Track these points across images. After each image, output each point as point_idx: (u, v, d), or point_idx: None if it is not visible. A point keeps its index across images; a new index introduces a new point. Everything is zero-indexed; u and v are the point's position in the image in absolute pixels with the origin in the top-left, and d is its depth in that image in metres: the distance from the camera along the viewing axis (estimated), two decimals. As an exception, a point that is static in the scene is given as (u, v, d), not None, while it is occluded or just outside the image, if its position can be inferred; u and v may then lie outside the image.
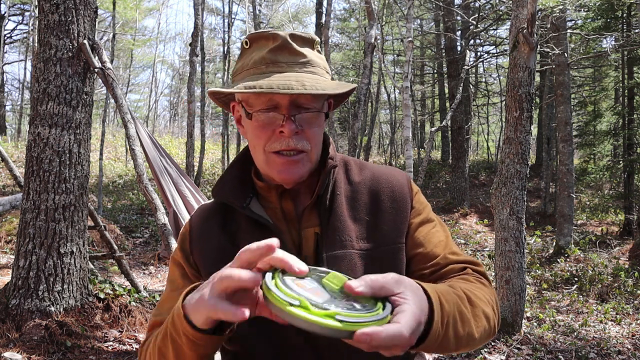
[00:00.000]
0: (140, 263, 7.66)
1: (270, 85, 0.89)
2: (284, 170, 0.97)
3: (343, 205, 1.03)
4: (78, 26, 4.05)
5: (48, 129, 3.93)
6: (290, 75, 0.93)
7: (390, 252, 1.01)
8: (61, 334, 3.66)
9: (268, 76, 0.93)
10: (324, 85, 0.93)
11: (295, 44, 0.97)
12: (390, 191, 1.06)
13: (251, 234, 0.99)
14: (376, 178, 1.08)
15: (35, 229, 3.89)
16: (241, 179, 1.06)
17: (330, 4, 8.88)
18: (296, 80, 0.91)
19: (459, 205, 12.73)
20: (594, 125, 12.58)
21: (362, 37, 17.28)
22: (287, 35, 0.97)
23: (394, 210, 1.04)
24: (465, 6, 12.37)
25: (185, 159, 9.69)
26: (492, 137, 22.53)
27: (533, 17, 4.54)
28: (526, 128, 4.75)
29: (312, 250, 0.99)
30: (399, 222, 1.03)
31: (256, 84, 0.90)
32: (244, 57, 1.00)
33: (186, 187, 4.43)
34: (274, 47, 0.95)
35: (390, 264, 1.00)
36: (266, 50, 0.96)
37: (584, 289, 6.77)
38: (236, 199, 1.02)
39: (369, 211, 1.04)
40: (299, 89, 0.89)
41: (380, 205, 1.04)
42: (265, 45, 0.97)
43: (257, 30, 0.99)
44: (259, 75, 0.94)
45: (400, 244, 1.02)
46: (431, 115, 21.84)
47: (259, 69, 0.95)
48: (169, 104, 35.39)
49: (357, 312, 0.66)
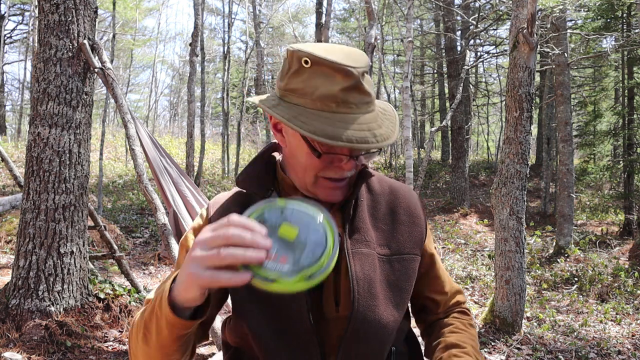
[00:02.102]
0: (140, 263, 7.65)
1: (349, 139, 0.88)
2: (331, 195, 1.02)
3: (365, 212, 1.09)
4: (78, 26, 4.05)
5: (48, 129, 3.93)
6: (362, 123, 0.92)
7: (405, 260, 1.08)
8: (61, 334, 3.66)
9: (341, 121, 0.91)
10: (388, 132, 0.95)
11: (365, 82, 0.94)
12: (407, 206, 1.14)
13: None
14: (394, 192, 1.15)
15: (35, 229, 3.89)
16: (265, 173, 1.10)
17: (330, 4, 8.88)
18: (368, 130, 0.92)
19: (459, 205, 12.73)
20: (594, 125, 12.57)
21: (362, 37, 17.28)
22: (360, 74, 0.92)
23: (410, 223, 1.12)
24: (465, 6, 12.37)
25: (185, 159, 9.69)
26: (492, 137, 22.53)
27: (533, 17, 4.54)
28: (526, 128, 4.75)
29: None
30: (414, 235, 1.12)
31: (335, 135, 0.88)
32: (301, 76, 0.94)
33: (186, 187, 4.43)
34: (347, 87, 0.92)
35: (404, 272, 1.07)
36: (338, 88, 0.91)
37: (584, 289, 6.77)
38: (260, 190, 1.06)
39: (386, 221, 1.11)
40: (373, 142, 0.91)
41: (397, 217, 1.12)
42: (333, 77, 0.92)
43: (327, 58, 0.91)
44: (329, 114, 0.91)
45: (415, 254, 1.10)
46: (431, 115, 21.85)
47: (329, 106, 0.91)
48: (169, 104, 35.41)
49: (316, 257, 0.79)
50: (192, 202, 4.34)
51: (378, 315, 1.00)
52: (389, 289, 1.04)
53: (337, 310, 1.01)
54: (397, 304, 1.04)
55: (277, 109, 0.94)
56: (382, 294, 1.02)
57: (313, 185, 1.01)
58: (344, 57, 0.93)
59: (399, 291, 1.05)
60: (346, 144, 0.88)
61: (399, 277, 1.06)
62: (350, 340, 0.98)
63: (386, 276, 1.04)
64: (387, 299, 1.03)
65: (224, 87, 17.70)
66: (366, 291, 1.00)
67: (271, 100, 0.98)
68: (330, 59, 0.91)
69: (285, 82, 0.96)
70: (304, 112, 0.92)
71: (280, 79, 0.98)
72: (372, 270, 1.02)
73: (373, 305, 1.00)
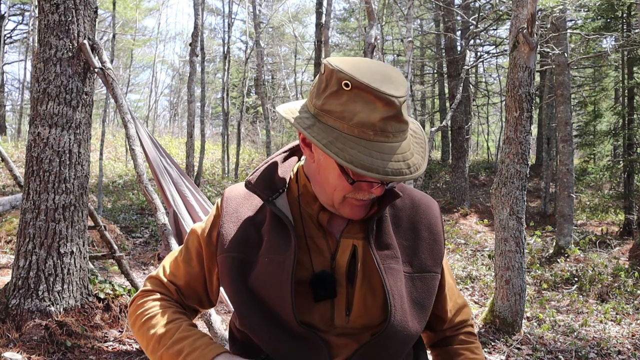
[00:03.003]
0: (140, 263, 7.65)
1: (385, 172, 0.89)
2: (356, 213, 1.02)
3: (390, 227, 1.08)
4: (78, 26, 4.05)
5: (48, 129, 3.93)
6: (398, 154, 0.92)
7: (427, 279, 1.08)
8: (61, 334, 3.66)
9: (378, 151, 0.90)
10: (420, 161, 0.96)
11: (403, 110, 0.93)
12: (428, 222, 1.12)
13: (274, 229, 1.04)
14: (415, 206, 1.13)
15: (35, 229, 3.89)
16: (275, 175, 1.10)
17: (330, 4, 8.88)
18: (403, 161, 0.92)
19: (459, 205, 12.73)
20: (594, 125, 12.57)
21: (362, 37, 17.28)
22: (401, 104, 0.91)
23: (431, 240, 1.11)
24: (465, 6, 12.37)
25: (185, 159, 9.69)
26: (492, 137, 22.52)
27: (533, 17, 4.54)
28: (526, 128, 4.75)
29: (347, 260, 1.03)
30: (435, 252, 1.10)
31: (372, 167, 0.88)
32: (340, 98, 0.91)
33: (186, 187, 4.43)
34: (388, 117, 0.90)
35: (426, 289, 1.07)
36: (378, 117, 0.89)
37: (584, 289, 6.77)
38: (263, 192, 1.06)
39: (408, 237, 1.10)
40: (407, 173, 0.91)
41: (419, 233, 1.10)
42: (373, 104, 0.90)
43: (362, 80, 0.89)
44: (366, 142, 0.90)
45: (435, 272, 1.10)
46: (431, 115, 21.84)
47: (366, 134, 0.90)
48: (169, 104, 35.39)
49: None
50: (192, 202, 4.33)
51: (407, 330, 1.02)
52: (413, 305, 1.05)
53: (347, 320, 1.01)
54: (420, 319, 1.06)
55: (313, 130, 0.93)
56: (409, 309, 1.04)
57: (340, 205, 1.01)
58: (386, 83, 0.90)
59: (421, 308, 1.06)
60: (382, 177, 0.89)
61: (421, 295, 1.06)
62: (370, 350, 1.00)
63: (410, 293, 1.05)
64: (412, 314, 1.04)
65: (224, 87, 17.70)
66: (399, 307, 1.01)
67: (305, 119, 0.95)
68: (374, 87, 0.89)
69: (321, 101, 0.93)
70: (340, 137, 0.90)
71: (317, 96, 0.95)
72: (402, 286, 1.03)
73: (404, 321, 1.01)
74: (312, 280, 1.00)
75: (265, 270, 1.01)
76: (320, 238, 1.05)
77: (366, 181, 0.96)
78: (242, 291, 1.03)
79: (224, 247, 1.06)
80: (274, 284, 1.00)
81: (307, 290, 1.00)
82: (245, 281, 1.03)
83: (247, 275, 1.03)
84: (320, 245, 1.04)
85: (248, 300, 1.02)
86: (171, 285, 1.13)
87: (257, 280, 1.02)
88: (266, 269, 1.01)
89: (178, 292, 1.13)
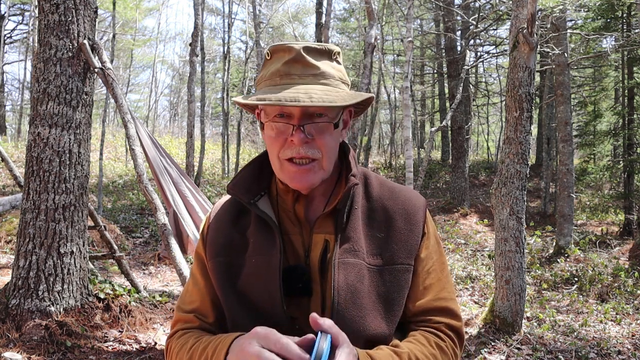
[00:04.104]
0: (140, 263, 7.65)
1: (278, 98, 0.94)
2: (296, 178, 1.01)
3: (359, 220, 1.06)
4: (78, 26, 4.05)
5: (48, 129, 3.93)
6: (300, 87, 0.97)
7: (398, 271, 1.04)
8: (61, 334, 3.66)
9: (281, 88, 0.98)
10: (333, 97, 0.96)
11: (309, 56, 1.01)
12: (405, 212, 1.09)
13: (259, 230, 1.05)
14: (394, 197, 1.11)
15: (35, 229, 3.89)
16: (257, 177, 1.12)
17: (330, 4, 8.88)
18: (304, 93, 0.95)
19: (459, 205, 12.73)
20: (594, 125, 12.57)
21: (362, 37, 17.28)
22: (301, 47, 1.00)
23: (407, 231, 1.07)
24: (465, 6, 12.37)
25: (185, 159, 9.69)
26: (492, 137, 22.53)
27: (533, 17, 4.54)
28: (526, 128, 4.75)
29: (319, 255, 1.03)
30: (410, 243, 1.06)
31: (266, 97, 0.95)
32: (265, 67, 1.05)
33: (186, 187, 4.43)
34: (288, 60, 1.00)
35: (396, 282, 1.03)
36: (281, 63, 1.01)
37: (584, 289, 6.77)
38: (245, 196, 1.08)
39: (382, 228, 1.07)
40: (305, 101, 0.93)
41: (394, 223, 1.07)
42: (282, 57, 1.01)
43: (278, 43, 1.03)
44: (273, 87, 1.00)
45: (408, 264, 1.05)
46: (431, 115, 21.84)
47: (274, 80, 1.01)
48: (169, 104, 35.41)
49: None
50: (192, 202, 4.34)
51: (363, 326, 0.98)
52: (378, 300, 1.01)
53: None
54: (387, 316, 1.01)
55: (245, 97, 1.00)
56: (369, 305, 0.99)
57: (280, 171, 1.04)
58: (298, 44, 1.01)
59: (388, 303, 1.02)
60: (276, 103, 0.93)
61: (389, 289, 1.02)
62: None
63: (375, 287, 1.01)
64: (374, 310, 1.00)
65: (224, 87, 17.70)
66: (348, 301, 0.97)
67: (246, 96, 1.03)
68: (281, 44, 1.02)
69: (257, 78, 1.06)
70: (258, 92, 1.00)
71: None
72: (358, 281, 0.99)
73: (357, 316, 0.98)
74: (285, 272, 1.00)
75: (254, 271, 1.02)
76: (296, 234, 1.06)
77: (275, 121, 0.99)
78: (229, 294, 1.04)
79: (211, 254, 1.09)
80: (262, 283, 1.00)
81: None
82: (234, 284, 1.04)
83: (235, 278, 1.04)
84: (296, 241, 1.05)
85: (237, 303, 1.03)
86: (188, 315, 1.11)
87: (245, 281, 1.02)
88: (254, 270, 1.02)
89: (197, 316, 1.11)
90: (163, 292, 5.70)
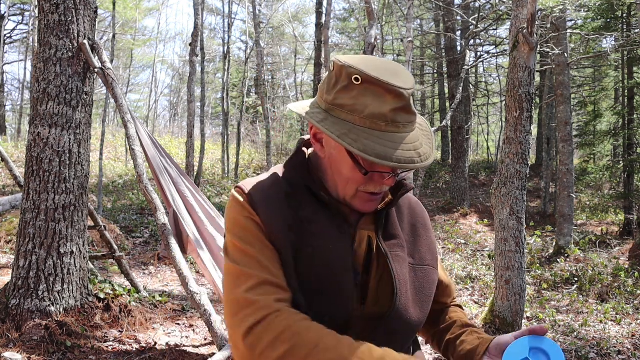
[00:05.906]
0: (140, 263, 7.65)
1: (398, 160, 0.93)
2: (367, 206, 1.05)
3: (396, 221, 1.13)
4: (78, 26, 4.05)
5: (48, 129, 3.93)
6: (409, 143, 0.96)
7: (427, 271, 1.13)
8: (61, 334, 3.66)
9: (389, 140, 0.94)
10: (428, 151, 0.99)
11: (411, 101, 0.97)
12: (424, 222, 1.20)
13: (316, 211, 1.04)
14: (412, 207, 1.20)
15: (35, 229, 3.89)
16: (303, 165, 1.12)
17: (330, 4, 8.88)
18: (414, 150, 0.96)
19: (459, 205, 12.73)
20: (594, 125, 12.58)
21: (362, 37, 17.28)
22: (409, 95, 0.96)
23: (426, 237, 1.18)
24: (465, 6, 12.37)
25: (185, 159, 9.69)
26: (492, 137, 22.53)
27: (533, 17, 4.54)
28: (526, 128, 4.75)
29: (365, 250, 1.06)
30: (431, 249, 1.17)
31: (385, 155, 0.92)
32: (350, 92, 0.95)
33: (186, 187, 4.43)
34: (397, 108, 0.95)
35: (427, 279, 1.12)
36: (388, 108, 0.94)
37: (584, 289, 6.77)
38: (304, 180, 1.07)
39: (408, 232, 1.15)
40: (418, 161, 0.95)
41: (417, 230, 1.17)
42: (383, 97, 0.94)
43: (371, 74, 0.94)
44: (379, 133, 0.94)
45: (433, 267, 1.15)
46: (431, 115, 21.84)
47: (378, 125, 0.94)
48: (169, 104, 35.39)
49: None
50: (192, 202, 4.33)
51: (410, 315, 1.05)
52: (416, 293, 1.09)
53: (362, 308, 1.03)
54: (422, 309, 1.09)
55: (325, 123, 0.96)
56: (413, 296, 1.08)
57: (352, 197, 1.04)
58: (394, 76, 0.95)
59: (423, 297, 1.10)
60: (396, 165, 0.92)
61: (422, 284, 1.11)
62: (380, 335, 1.01)
63: (413, 281, 1.09)
64: (415, 302, 1.08)
65: (224, 87, 17.70)
66: (404, 292, 1.05)
67: (317, 114, 0.99)
68: (383, 80, 0.93)
69: (332, 96, 0.98)
70: (353, 129, 0.94)
71: (327, 92, 0.99)
72: (407, 274, 1.08)
73: (408, 307, 1.05)
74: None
75: (320, 255, 0.99)
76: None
77: (379, 172, 0.99)
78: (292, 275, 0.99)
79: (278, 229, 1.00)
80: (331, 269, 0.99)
81: None
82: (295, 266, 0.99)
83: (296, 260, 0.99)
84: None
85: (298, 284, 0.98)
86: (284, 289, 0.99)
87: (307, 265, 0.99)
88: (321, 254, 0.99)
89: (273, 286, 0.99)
90: (163, 292, 5.70)
